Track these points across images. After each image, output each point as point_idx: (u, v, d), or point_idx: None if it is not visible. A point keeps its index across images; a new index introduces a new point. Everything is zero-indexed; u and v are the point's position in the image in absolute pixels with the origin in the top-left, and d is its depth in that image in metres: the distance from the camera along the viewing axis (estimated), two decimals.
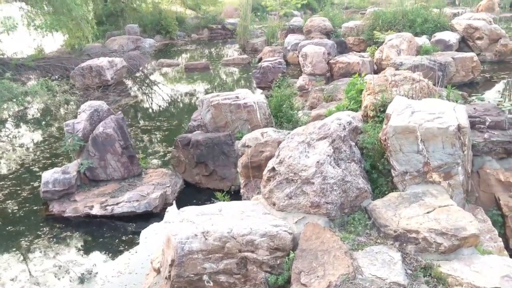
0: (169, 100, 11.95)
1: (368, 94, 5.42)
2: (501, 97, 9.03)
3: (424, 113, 4.06)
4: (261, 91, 10.83)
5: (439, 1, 20.60)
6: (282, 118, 6.87)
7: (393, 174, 3.99)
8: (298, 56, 11.17)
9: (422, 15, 13.40)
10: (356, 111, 5.83)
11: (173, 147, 6.69)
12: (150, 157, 7.60)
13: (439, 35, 12.39)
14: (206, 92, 12.25)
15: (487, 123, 4.55)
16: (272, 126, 6.68)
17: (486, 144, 4.44)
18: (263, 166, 4.56)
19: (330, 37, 14.75)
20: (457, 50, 12.44)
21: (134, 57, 17.13)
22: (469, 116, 4.46)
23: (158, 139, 8.66)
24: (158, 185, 6.17)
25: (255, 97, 6.75)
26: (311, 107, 8.85)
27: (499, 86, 10.47)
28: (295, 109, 8.09)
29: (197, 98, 11.41)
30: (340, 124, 3.97)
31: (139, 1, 25.72)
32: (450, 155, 3.85)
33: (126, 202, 5.77)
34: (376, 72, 10.52)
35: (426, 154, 3.87)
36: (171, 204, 6.07)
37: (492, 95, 9.48)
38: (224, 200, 4.71)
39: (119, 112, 6.71)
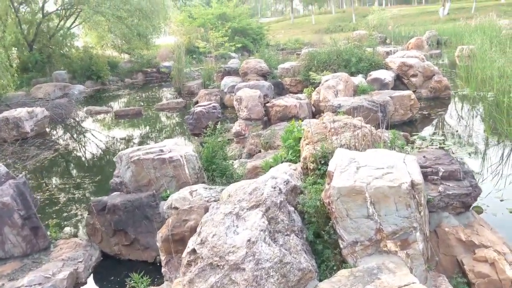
0: (94, 153, 10.89)
1: (307, 144, 4.82)
2: (440, 136, 8.87)
3: (371, 169, 3.46)
4: (195, 138, 10.11)
5: (371, 40, 21.16)
6: (215, 171, 6.13)
7: (341, 245, 3.32)
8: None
9: (356, 55, 13.38)
10: (295, 162, 5.21)
11: (87, 213, 5.73)
12: (65, 222, 6.55)
13: (374, 74, 12.33)
14: (130, 142, 11.33)
15: (440, 174, 4.03)
16: (203, 182, 5.92)
17: (441, 199, 3.90)
18: (187, 238, 3.76)
19: (266, 79, 14.45)
20: (392, 88, 12.40)
21: (60, 106, 15.94)
22: (420, 167, 3.92)
23: (76, 200, 7.60)
24: (69, 261, 5.15)
25: (182, 150, 5.98)
26: (250, 154, 8.21)
27: (436, 122, 10.39)
28: (230, 158, 7.41)
29: (124, 148, 10.46)
30: (275, 188, 3.27)
31: (68, 47, 24.59)
32: (406, 218, 3.25)
33: (26, 287, 4.72)
34: (314, 114, 10.13)
35: (378, 219, 3.25)
36: (85, 283, 5.06)
37: (429, 132, 9.33)
38: (141, 283, 3.84)
39: (21, 175, 5.68)
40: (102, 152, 10.87)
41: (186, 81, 18.83)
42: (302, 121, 8.71)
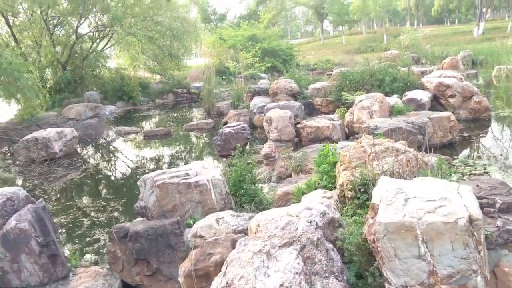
0: (121, 174, 10.72)
1: (344, 169, 4.41)
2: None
3: (422, 201, 3.03)
4: (224, 159, 9.81)
5: (404, 60, 20.63)
6: (244, 196, 5.77)
7: None
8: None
9: (390, 74, 12.91)
10: (330, 189, 4.80)
11: (107, 240, 5.44)
12: (86, 248, 6.28)
13: (410, 94, 11.81)
14: (158, 163, 11.12)
15: (497, 206, 3.55)
16: (231, 208, 5.56)
17: (500, 234, 3.41)
18: (212, 274, 3.39)
19: (297, 99, 14.10)
20: (429, 109, 11.85)
21: (90, 126, 16.05)
22: None
23: (100, 224, 7.35)
24: None
25: (209, 174, 5.65)
26: (279, 177, 7.82)
27: (477, 145, 9.78)
28: (259, 182, 7.05)
29: (152, 169, 10.24)
30: (311, 222, 2.88)
31: (100, 68, 24.96)
32: (463, 259, 2.79)
33: None
34: (347, 136, 9.68)
35: (431, 260, 2.80)
36: None
37: (470, 156, 8.73)
38: None
39: (41, 199, 5.45)
40: (129, 174, 10.68)
41: (216, 101, 18.72)
42: (337, 143, 8.31)
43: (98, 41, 25.55)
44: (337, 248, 3.15)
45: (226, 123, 14.70)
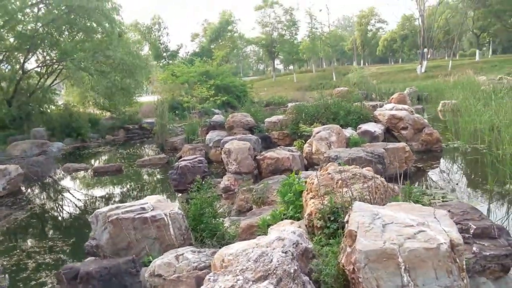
0: (70, 212, 10.05)
1: (311, 198, 4.22)
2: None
3: (400, 226, 2.87)
4: (179, 194, 9.40)
5: (356, 96, 21.20)
6: (204, 231, 5.43)
7: None
8: (221, 153, 10.05)
9: (344, 108, 13.13)
10: (298, 219, 4.59)
11: (56, 282, 4.92)
12: None
13: (364, 126, 12.01)
14: (109, 201, 10.56)
15: (471, 231, 3.45)
16: (191, 244, 5.21)
17: (477, 261, 3.30)
18: None
19: (253, 133, 14.02)
20: (383, 141, 12.04)
21: (36, 163, 15.16)
22: None
23: (47, 266, 6.73)
24: None
25: (167, 208, 5.30)
26: (239, 211, 7.54)
27: (432, 175, 9.95)
28: (219, 216, 6.74)
29: (100, 207, 9.66)
30: (286, 253, 2.63)
31: (48, 104, 24.05)
32: (448, 287, 2.62)
33: None
34: (307, 167, 9.58)
35: None
36: None
37: (426, 186, 8.82)
38: None
39: None
40: (78, 212, 10.01)
41: (169, 136, 18.35)
42: (297, 174, 8.17)
43: (46, 76, 24.75)
44: (313, 280, 2.91)
45: (180, 157, 14.32)
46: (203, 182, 6.35)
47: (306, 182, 4.62)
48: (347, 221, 3.19)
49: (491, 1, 49.22)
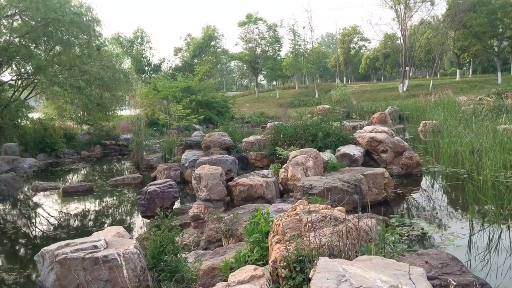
0: (28, 239, 9.44)
1: (277, 242, 3.82)
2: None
3: None
4: (147, 221, 8.90)
5: (336, 115, 21.02)
6: (164, 271, 4.97)
7: None
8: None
9: (323, 129, 12.83)
10: (263, 263, 4.17)
11: None
12: None
13: (343, 149, 11.71)
14: (72, 227, 9.99)
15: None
16: (147, 286, 4.73)
17: None
18: None
19: (230, 153, 13.63)
20: (362, 164, 11.76)
21: (4, 181, 14.54)
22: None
23: None
24: None
25: (122, 246, 4.83)
26: (209, 241, 7.09)
27: (412, 202, 9.64)
28: (185, 249, 6.31)
29: (62, 235, 9.10)
30: None
31: (22, 118, 23.30)
32: None
33: None
34: (282, 193, 9.19)
35: None
36: None
37: (406, 214, 8.49)
38: None
39: None
40: (39, 239, 9.41)
41: (147, 154, 17.86)
42: (270, 203, 7.75)
43: (21, 89, 24.06)
44: None
45: (155, 177, 13.82)
46: (167, 214, 5.87)
47: (273, 221, 4.22)
48: (311, 279, 2.79)
49: (471, 22, 50.09)
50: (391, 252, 3.82)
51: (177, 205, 10.13)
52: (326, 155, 10.71)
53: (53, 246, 4.84)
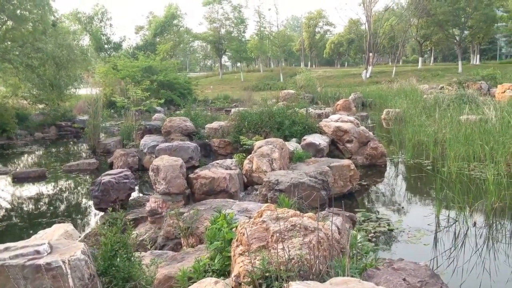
0: None
1: (241, 254, 3.44)
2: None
3: None
4: (101, 214, 8.34)
5: (301, 101, 20.77)
6: (116, 277, 4.51)
7: None
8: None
9: (289, 117, 12.49)
10: (225, 274, 3.79)
11: None
12: None
13: (309, 138, 11.43)
14: (18, 220, 9.29)
15: None
16: None
17: None
18: None
19: (192, 139, 13.08)
20: (327, 154, 11.56)
21: None
22: None
23: None
24: None
25: (68, 251, 4.33)
26: (167, 238, 6.64)
27: (377, 195, 9.50)
28: (139, 249, 5.87)
29: (9, 228, 8.42)
30: None
31: None
32: None
33: None
34: (246, 186, 8.82)
35: None
36: None
37: (371, 207, 8.31)
38: None
39: None
40: None
41: (104, 137, 17.05)
42: (234, 197, 7.36)
43: None
44: None
45: (112, 163, 13.16)
46: (120, 211, 5.37)
47: (237, 228, 3.83)
48: None
49: (435, 11, 50.85)
50: (363, 264, 3.52)
51: (135, 194, 9.61)
52: (292, 145, 10.40)
53: None
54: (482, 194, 7.90)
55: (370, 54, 51.74)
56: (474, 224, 7.00)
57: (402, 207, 8.33)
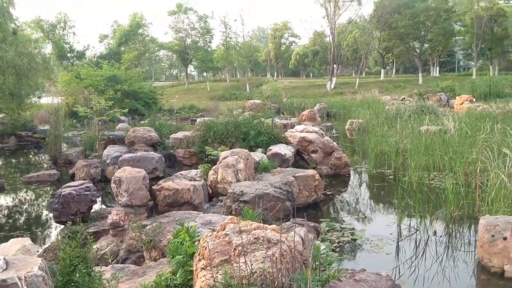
0: None
1: (203, 268, 3.40)
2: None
3: None
4: (61, 227, 8.09)
5: (267, 112, 20.90)
6: None
7: None
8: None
9: (255, 127, 12.53)
10: None
11: None
12: None
13: (274, 149, 11.50)
14: None
15: None
16: None
17: None
18: None
19: (156, 149, 12.93)
20: (293, 164, 11.63)
21: None
22: None
23: None
24: None
25: (25, 266, 4.17)
26: (129, 251, 6.50)
27: (341, 204, 9.63)
28: (101, 263, 5.72)
29: None
30: None
31: None
32: None
33: None
34: (211, 196, 8.76)
35: None
36: None
37: (335, 217, 8.41)
38: None
39: None
40: None
41: (66, 148, 16.59)
42: (198, 209, 7.29)
43: None
44: None
45: (73, 175, 12.82)
46: (80, 225, 5.23)
47: (199, 241, 3.79)
48: None
49: (396, 24, 52.39)
50: (326, 275, 3.54)
51: (98, 206, 9.38)
52: (258, 155, 10.42)
53: None
54: (441, 203, 8.12)
55: (335, 66, 52.65)
56: (435, 232, 7.16)
57: (366, 217, 8.46)
